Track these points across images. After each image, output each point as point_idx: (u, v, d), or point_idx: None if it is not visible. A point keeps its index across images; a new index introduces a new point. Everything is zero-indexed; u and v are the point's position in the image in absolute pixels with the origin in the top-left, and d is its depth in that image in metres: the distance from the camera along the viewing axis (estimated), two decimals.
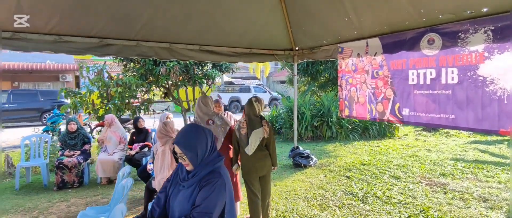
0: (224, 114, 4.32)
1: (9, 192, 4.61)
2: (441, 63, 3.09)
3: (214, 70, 6.83)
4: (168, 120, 4.44)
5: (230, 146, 3.38)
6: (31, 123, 12.37)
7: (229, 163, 3.35)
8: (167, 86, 7.25)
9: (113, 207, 2.41)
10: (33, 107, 12.73)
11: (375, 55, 3.91)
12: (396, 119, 3.60)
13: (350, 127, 8.46)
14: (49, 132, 6.97)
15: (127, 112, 6.54)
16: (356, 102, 4.29)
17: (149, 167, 4.90)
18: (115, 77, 6.43)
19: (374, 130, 8.72)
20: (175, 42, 4.45)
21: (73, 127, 4.97)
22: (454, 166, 5.37)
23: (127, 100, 6.21)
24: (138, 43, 4.18)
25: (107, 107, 6.23)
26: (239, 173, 3.41)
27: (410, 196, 4.06)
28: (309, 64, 10.18)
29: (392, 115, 3.66)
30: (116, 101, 6.11)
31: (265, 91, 20.06)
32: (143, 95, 6.91)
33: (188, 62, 6.37)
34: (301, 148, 5.77)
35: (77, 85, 19.03)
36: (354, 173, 5.18)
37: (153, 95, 8.12)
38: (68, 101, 6.90)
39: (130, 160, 4.85)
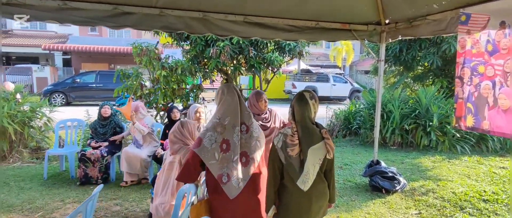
0: (266, 113, 3.02)
1: (36, 180, 4.24)
2: None
3: (275, 53, 5.52)
4: (198, 114, 3.36)
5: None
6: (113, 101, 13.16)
7: (258, 203, 2.04)
8: (226, 71, 6.28)
9: None
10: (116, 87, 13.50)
11: None
12: None
13: (458, 134, 6.20)
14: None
15: (176, 99, 5.78)
16: (491, 107, 2.48)
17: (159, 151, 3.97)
18: (166, 59, 5.71)
19: (495, 140, 6.26)
20: (210, 11, 3.30)
21: (107, 111, 4.34)
22: None
23: (173, 86, 5.42)
24: (162, 12, 3.15)
25: (150, 93, 5.56)
26: None
27: None
28: (402, 48, 7.98)
29: None
30: (158, 86, 5.39)
31: (346, 82, 17.83)
32: (194, 81, 6.07)
33: (241, 42, 5.21)
34: (383, 164, 4.09)
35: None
36: (470, 215, 3.33)
37: (212, 81, 7.28)
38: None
39: (158, 159, 3.98)
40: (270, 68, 5.84)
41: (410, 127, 6.37)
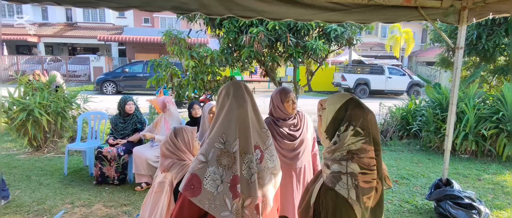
0: (295, 118, 2.29)
1: (57, 175, 4.06)
2: None
3: (318, 41, 4.67)
4: (212, 115, 2.75)
5: None
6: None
7: None
8: (263, 61, 5.62)
9: None
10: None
11: None
12: None
13: None
14: None
15: (206, 92, 5.28)
16: None
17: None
18: (194, 48, 5.22)
19: None
20: None
21: (131, 107, 3.98)
22: None
23: (201, 77, 4.91)
24: None
25: (181, 85, 5.12)
26: None
27: None
28: (481, 33, 6.50)
29: None
30: (186, 78, 4.93)
31: (404, 74, 15.96)
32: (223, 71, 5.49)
33: (278, 27, 4.47)
34: (456, 186, 3.11)
35: None
36: None
37: (252, 72, 6.69)
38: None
39: None
40: (312, 58, 5.01)
41: (489, 132, 5.09)
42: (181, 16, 4.92)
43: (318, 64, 5.96)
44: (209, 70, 4.99)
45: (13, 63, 17.29)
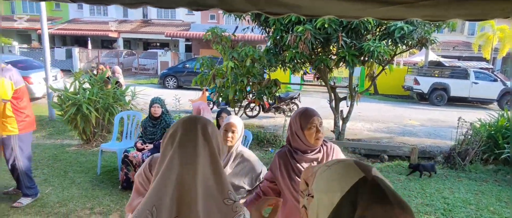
0: (320, 151, 1.67)
1: (90, 174, 4.07)
2: None
3: (378, 42, 3.84)
4: (229, 134, 2.27)
5: None
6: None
7: None
8: (316, 63, 4.97)
9: None
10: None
11: None
12: None
13: None
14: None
15: (248, 96, 4.86)
16: None
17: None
18: (236, 48, 4.82)
19: None
20: None
21: (156, 111, 3.78)
22: None
23: (241, 80, 4.49)
24: None
25: (224, 86, 4.77)
26: None
27: None
28: None
29: None
30: (226, 80, 4.56)
31: (495, 80, 13.38)
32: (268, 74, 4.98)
33: (328, 25, 3.78)
34: None
35: None
36: None
37: (304, 74, 6.09)
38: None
39: None
40: (371, 60, 4.19)
41: None
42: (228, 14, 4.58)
43: (382, 68, 5.07)
44: (251, 72, 4.55)
45: (95, 56, 19.34)
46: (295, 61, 4.39)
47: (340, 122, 5.48)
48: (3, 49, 17.60)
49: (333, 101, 5.48)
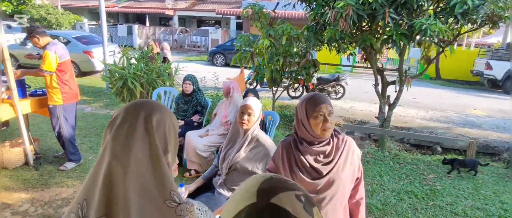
0: (330, 143, 1.47)
1: None
2: None
3: (432, 20, 3.28)
4: (244, 116, 2.15)
5: None
6: None
7: None
8: (358, 43, 4.54)
9: None
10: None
11: None
12: None
13: None
14: None
15: (285, 77, 4.65)
16: None
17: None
18: (274, 25, 4.58)
19: None
20: None
21: (187, 87, 3.81)
22: None
23: (276, 59, 4.28)
24: None
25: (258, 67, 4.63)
26: None
27: None
28: None
29: None
30: (262, 59, 4.39)
31: None
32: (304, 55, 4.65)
33: (373, 0, 3.34)
34: None
35: None
36: None
37: (350, 55, 5.66)
38: None
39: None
40: (424, 40, 3.65)
41: None
42: None
43: (441, 49, 4.44)
44: (287, 51, 4.31)
45: (152, 33, 20.41)
46: (337, 40, 4.03)
47: (386, 108, 5.02)
48: (75, 26, 19.48)
49: (380, 86, 5.02)
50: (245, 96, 3.24)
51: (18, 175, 3.32)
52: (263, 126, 3.31)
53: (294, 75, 4.60)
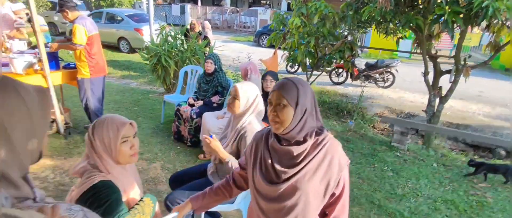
0: (303, 142, 1.17)
1: (156, 121, 4.37)
2: None
3: None
4: (232, 96, 1.92)
5: None
6: None
7: None
8: (401, 23, 3.90)
9: None
10: None
11: None
12: None
13: None
14: None
15: (320, 61, 4.24)
16: None
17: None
18: (310, 1, 4.14)
19: None
20: None
21: (209, 67, 3.66)
22: None
23: (307, 40, 3.88)
24: None
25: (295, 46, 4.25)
26: None
27: None
28: None
29: None
30: (292, 40, 4.01)
31: None
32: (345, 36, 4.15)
33: None
34: None
35: None
36: None
37: (400, 39, 5.07)
38: None
39: None
40: (486, 21, 2.96)
41: None
42: None
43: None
44: (320, 32, 3.88)
45: (203, 13, 20.73)
46: (378, 20, 3.50)
47: (437, 101, 4.37)
48: (135, 5, 20.58)
49: (431, 75, 4.36)
50: (263, 78, 2.98)
51: (48, 142, 3.54)
52: None
53: (326, 58, 4.17)
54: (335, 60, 4.21)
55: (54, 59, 3.60)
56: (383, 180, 3.27)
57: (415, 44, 4.98)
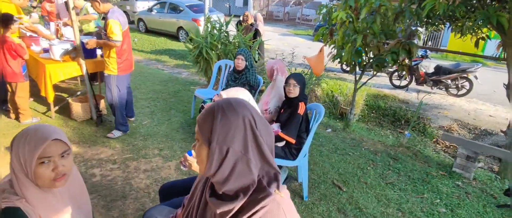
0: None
1: (185, 115, 4.23)
2: None
3: None
4: None
5: None
6: None
7: None
8: (477, 20, 3.05)
9: None
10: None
11: None
12: None
13: None
14: None
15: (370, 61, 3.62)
16: None
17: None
18: None
19: None
20: None
21: (239, 63, 3.36)
22: None
23: (353, 38, 3.26)
24: None
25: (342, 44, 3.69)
26: None
27: None
28: None
29: None
30: (336, 36, 3.45)
31: None
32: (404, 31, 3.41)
33: None
34: None
35: None
36: None
37: (481, 40, 4.18)
38: None
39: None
40: None
41: None
42: None
43: None
44: (370, 28, 3.25)
45: (266, 5, 20.51)
46: (444, 15, 2.78)
47: None
48: None
49: None
50: (285, 82, 2.58)
51: (80, 127, 3.64)
52: (307, 122, 2.60)
53: (375, 61, 3.52)
54: (387, 64, 3.55)
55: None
56: (431, 217, 2.62)
57: (501, 48, 4.00)
